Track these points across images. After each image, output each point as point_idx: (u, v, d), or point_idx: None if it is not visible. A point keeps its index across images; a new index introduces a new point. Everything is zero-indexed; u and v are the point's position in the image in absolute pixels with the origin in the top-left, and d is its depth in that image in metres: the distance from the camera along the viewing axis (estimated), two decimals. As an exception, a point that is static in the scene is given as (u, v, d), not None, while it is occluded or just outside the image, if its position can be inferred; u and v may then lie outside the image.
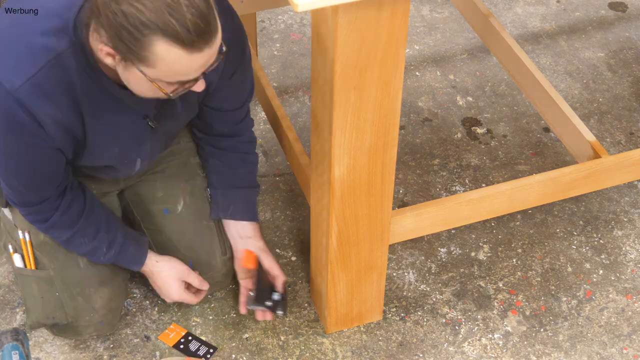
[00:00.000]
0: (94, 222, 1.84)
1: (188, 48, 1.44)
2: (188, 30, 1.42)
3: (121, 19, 1.41)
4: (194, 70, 1.51)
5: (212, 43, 1.47)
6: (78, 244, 1.85)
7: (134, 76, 1.52)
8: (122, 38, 1.43)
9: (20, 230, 1.90)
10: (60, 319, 1.91)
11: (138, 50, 1.44)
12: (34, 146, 1.62)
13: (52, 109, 1.58)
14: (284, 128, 2.15)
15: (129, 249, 1.91)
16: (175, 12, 1.40)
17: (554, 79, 2.77)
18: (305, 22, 2.95)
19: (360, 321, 2.08)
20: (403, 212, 1.90)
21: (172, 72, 1.49)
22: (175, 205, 2.01)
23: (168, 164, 2.03)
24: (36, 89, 1.54)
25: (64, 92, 1.58)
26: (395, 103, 1.65)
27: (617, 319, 2.12)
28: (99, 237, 1.85)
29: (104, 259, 1.88)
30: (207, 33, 1.45)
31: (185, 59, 1.46)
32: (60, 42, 1.54)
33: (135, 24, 1.41)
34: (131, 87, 1.58)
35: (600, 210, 2.38)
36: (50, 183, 1.74)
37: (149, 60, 1.46)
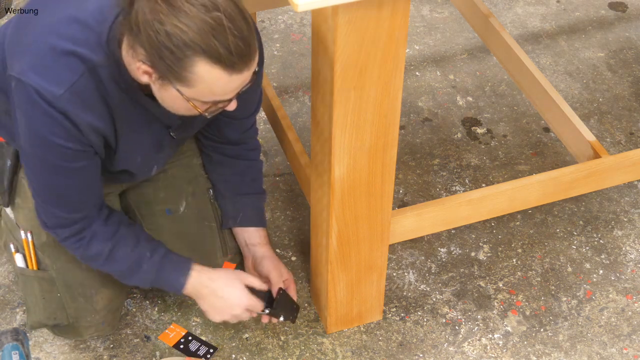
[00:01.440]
0: (134, 231, 1.80)
1: (229, 70, 1.45)
2: (230, 53, 1.42)
3: (164, 39, 1.42)
4: (231, 91, 1.52)
5: (251, 65, 1.48)
6: (121, 255, 1.77)
7: (169, 95, 1.53)
8: (163, 57, 1.44)
9: (22, 230, 1.90)
10: (61, 319, 1.91)
11: (179, 70, 1.45)
12: (77, 151, 1.61)
13: (91, 117, 1.58)
14: (284, 128, 2.15)
15: (173, 257, 1.82)
16: (218, 34, 1.41)
17: (554, 79, 2.77)
18: (305, 22, 2.96)
19: (360, 321, 2.08)
20: (403, 212, 1.90)
21: (210, 92, 1.50)
22: (177, 205, 2.02)
23: (171, 164, 2.03)
24: (75, 97, 1.54)
25: (100, 101, 1.58)
26: (395, 103, 1.65)
27: (617, 319, 2.12)
28: (141, 245, 1.79)
29: (147, 268, 1.78)
30: (247, 55, 1.46)
31: (225, 80, 1.47)
32: (95, 54, 1.54)
33: (178, 44, 1.41)
34: (165, 104, 1.58)
35: (600, 210, 2.38)
36: (92, 195, 1.73)
37: (188, 80, 1.46)
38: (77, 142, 1.60)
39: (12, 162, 1.88)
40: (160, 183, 2.02)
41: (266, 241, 2.03)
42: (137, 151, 1.75)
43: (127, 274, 1.81)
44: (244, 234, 2.02)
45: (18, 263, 1.91)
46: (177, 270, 1.81)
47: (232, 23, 1.42)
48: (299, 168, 2.10)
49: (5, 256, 2.18)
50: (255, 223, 2.02)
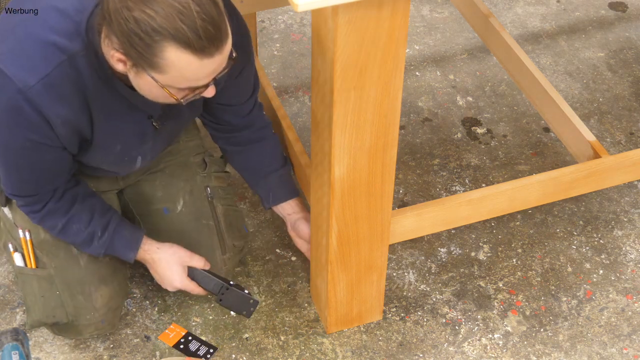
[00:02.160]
0: (89, 207, 1.83)
1: (199, 54, 1.45)
2: (199, 37, 1.42)
3: (133, 26, 1.42)
4: (205, 76, 1.52)
5: (222, 49, 1.48)
6: (74, 231, 1.83)
7: (145, 82, 1.53)
8: (134, 44, 1.44)
9: (20, 229, 1.90)
10: (60, 317, 1.91)
11: (149, 57, 1.45)
12: (41, 144, 1.62)
13: (64, 109, 1.58)
14: (284, 128, 2.16)
15: (124, 232, 1.88)
16: (186, 18, 1.41)
17: (554, 79, 2.77)
18: (305, 22, 2.96)
19: (360, 321, 2.08)
20: (403, 212, 1.90)
21: (182, 78, 1.50)
22: (175, 204, 2.02)
23: (168, 163, 2.03)
24: (49, 89, 1.55)
25: (75, 92, 1.59)
26: (395, 103, 1.65)
27: (617, 319, 2.12)
28: (93, 222, 1.83)
29: (98, 245, 1.85)
30: (217, 39, 1.45)
31: (196, 64, 1.46)
32: (73, 43, 1.55)
33: (146, 30, 1.42)
34: (142, 92, 1.58)
35: (600, 210, 2.38)
36: (53, 180, 1.75)
37: (160, 66, 1.46)
38: (43, 135, 1.60)
39: None
40: (158, 182, 2.02)
41: (300, 209, 2.08)
42: (116, 139, 1.75)
43: (79, 246, 1.87)
44: (279, 209, 2.09)
45: (17, 262, 1.91)
46: (126, 247, 1.89)
47: (200, 7, 1.41)
48: (299, 168, 2.10)
49: (5, 256, 2.18)
50: (286, 196, 2.06)
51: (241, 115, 1.98)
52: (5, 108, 1.57)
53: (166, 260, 1.91)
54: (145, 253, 1.91)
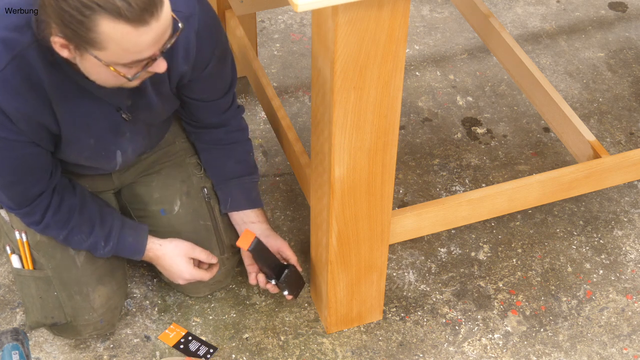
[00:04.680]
0: (88, 217, 1.84)
1: (133, 23, 1.42)
2: (129, 4, 1.40)
3: (62, 4, 1.41)
4: (147, 47, 1.48)
5: (158, 16, 1.45)
6: (77, 241, 1.85)
7: (90, 64, 1.51)
8: (68, 24, 1.42)
9: (17, 231, 1.90)
10: (59, 318, 1.91)
11: (84, 34, 1.43)
12: (9, 141, 1.61)
13: (22, 104, 1.57)
14: (284, 128, 2.15)
15: (127, 240, 1.89)
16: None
17: (554, 79, 2.77)
18: (305, 22, 2.96)
19: (360, 321, 2.08)
20: (403, 212, 1.90)
21: (123, 51, 1.47)
22: (172, 205, 2.01)
23: (164, 164, 2.03)
24: (4, 85, 1.54)
25: (31, 88, 1.57)
26: (395, 103, 1.65)
27: (617, 319, 2.12)
28: (95, 233, 1.85)
29: (104, 253, 1.88)
30: (150, 4, 1.42)
31: (133, 34, 1.44)
32: (23, 37, 1.53)
33: (76, 6, 1.40)
34: (91, 76, 1.56)
35: (600, 210, 2.38)
36: (36, 179, 1.73)
37: (97, 42, 1.44)
38: (7, 130, 1.59)
39: None
40: (154, 183, 2.02)
41: (264, 219, 2.02)
42: (87, 133, 1.73)
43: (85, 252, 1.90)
44: (240, 215, 2.02)
45: (14, 264, 1.91)
46: (131, 253, 1.91)
47: None
48: (299, 168, 2.10)
49: (5, 256, 2.18)
50: (246, 205, 2.01)
51: (216, 113, 1.95)
52: None
53: (170, 255, 1.92)
54: (149, 251, 1.92)
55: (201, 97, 1.88)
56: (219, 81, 1.88)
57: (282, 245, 2.00)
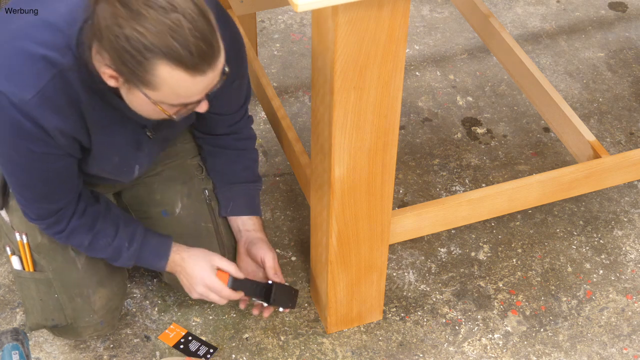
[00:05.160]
0: (112, 221, 1.83)
1: (191, 71, 1.44)
2: (191, 54, 1.42)
3: (124, 43, 1.41)
4: (197, 93, 1.51)
5: (214, 65, 1.47)
6: (102, 246, 1.82)
7: (137, 98, 1.52)
8: (125, 61, 1.43)
9: (17, 232, 1.89)
10: (59, 320, 1.91)
11: (141, 74, 1.44)
12: (46, 154, 1.62)
13: (60, 121, 1.58)
14: (284, 128, 2.15)
15: (152, 241, 1.87)
16: (178, 35, 1.40)
17: (554, 79, 2.77)
18: (305, 22, 2.96)
19: (360, 321, 2.08)
20: (403, 212, 1.90)
21: (175, 95, 1.49)
22: (173, 207, 2.01)
23: (165, 166, 2.03)
24: (44, 101, 1.54)
25: (69, 105, 1.58)
26: (395, 103, 1.65)
27: (617, 319, 2.12)
28: (119, 234, 1.83)
29: (127, 256, 1.84)
30: (210, 56, 1.44)
31: (189, 82, 1.46)
32: (64, 58, 1.54)
33: (138, 47, 1.41)
34: (134, 108, 1.58)
35: (600, 210, 2.38)
36: (66, 190, 1.74)
37: (152, 83, 1.46)
38: (45, 145, 1.60)
39: None
40: (155, 185, 2.02)
41: (261, 228, 2.02)
42: (113, 151, 1.75)
43: (109, 260, 1.86)
44: (238, 221, 2.02)
45: (15, 265, 1.91)
46: (156, 256, 1.87)
47: (191, 24, 1.41)
48: (299, 168, 2.10)
49: (5, 256, 2.18)
50: (247, 211, 2.02)
51: (230, 124, 1.97)
52: (5, 123, 1.56)
53: (195, 257, 1.87)
54: (176, 253, 1.87)
55: (219, 110, 1.90)
56: (238, 95, 1.90)
57: (265, 254, 1.96)
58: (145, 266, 1.89)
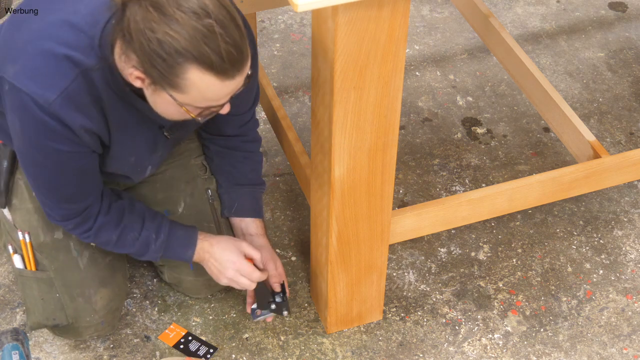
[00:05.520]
0: (138, 214, 1.83)
1: (221, 76, 1.46)
2: (222, 59, 1.43)
3: (155, 47, 1.42)
4: (224, 97, 1.53)
5: (243, 71, 1.49)
6: (130, 240, 1.82)
7: (162, 100, 1.54)
8: (155, 64, 1.45)
9: (19, 231, 1.89)
10: (60, 320, 1.91)
11: (171, 77, 1.46)
12: (72, 152, 1.62)
13: (84, 119, 1.59)
14: (284, 128, 2.15)
15: (178, 232, 1.87)
16: (210, 40, 1.41)
17: (554, 79, 2.77)
18: (305, 22, 2.96)
19: (360, 321, 2.08)
20: (403, 212, 1.90)
21: (202, 98, 1.50)
22: (176, 207, 2.02)
23: (168, 165, 2.03)
24: (68, 101, 1.55)
25: (92, 104, 1.59)
26: (395, 103, 1.65)
27: (617, 319, 2.12)
28: (145, 226, 1.83)
29: (155, 248, 1.84)
30: (240, 62, 1.46)
31: (217, 86, 1.48)
32: (87, 58, 1.54)
33: (170, 51, 1.42)
34: (157, 109, 1.59)
35: (600, 210, 2.38)
36: (91, 188, 1.74)
37: (180, 86, 1.47)
38: (71, 144, 1.61)
39: (9, 163, 1.88)
40: (159, 184, 2.02)
41: (263, 232, 2.04)
42: (131, 152, 1.76)
43: (137, 254, 1.86)
44: (241, 224, 2.03)
45: (16, 264, 1.91)
46: (183, 245, 1.87)
47: (223, 29, 1.42)
48: (299, 168, 2.10)
49: (5, 256, 2.18)
50: (251, 213, 2.03)
51: (237, 126, 1.98)
52: (30, 124, 1.57)
53: (225, 242, 1.88)
54: (203, 241, 1.87)
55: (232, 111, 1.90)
56: (249, 95, 1.91)
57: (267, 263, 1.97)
58: (173, 258, 1.89)
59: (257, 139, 2.04)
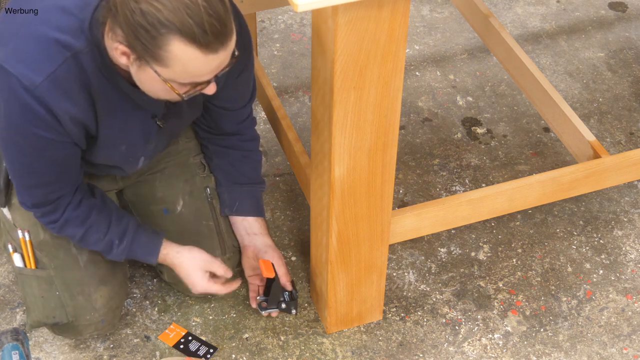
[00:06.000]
0: (106, 215, 1.84)
1: (204, 49, 1.46)
2: (204, 31, 1.43)
3: (139, 17, 1.43)
4: (208, 72, 1.52)
5: (227, 45, 1.49)
6: (93, 240, 1.84)
7: (147, 76, 1.53)
8: (139, 36, 1.45)
9: (19, 229, 1.90)
10: (60, 318, 1.91)
11: (154, 49, 1.46)
12: (54, 141, 1.63)
13: (70, 105, 1.59)
14: (284, 128, 2.15)
15: (142, 238, 1.88)
16: (193, 12, 1.42)
17: (554, 79, 2.77)
18: (305, 22, 2.96)
19: (360, 321, 2.08)
20: (403, 212, 1.90)
21: (186, 72, 1.50)
22: (175, 205, 2.02)
23: (167, 164, 2.03)
24: (55, 85, 1.55)
25: (80, 89, 1.59)
26: (395, 103, 1.65)
27: (617, 319, 2.12)
28: (110, 231, 1.84)
29: (118, 252, 1.86)
30: (223, 35, 1.46)
31: (201, 59, 1.47)
32: (77, 41, 1.55)
33: (153, 22, 1.42)
34: (143, 87, 1.59)
35: (600, 210, 2.38)
36: (67, 180, 1.75)
37: (164, 59, 1.47)
38: (53, 132, 1.61)
39: None
40: (157, 183, 2.02)
41: (267, 232, 2.05)
42: (121, 140, 1.75)
43: (101, 253, 1.89)
44: (244, 223, 2.04)
45: (16, 263, 1.91)
46: (146, 253, 1.90)
47: (207, 2, 1.43)
48: (299, 168, 2.10)
49: (5, 256, 2.18)
50: (252, 212, 2.04)
51: (235, 122, 1.98)
52: (14, 107, 1.58)
53: (186, 266, 1.92)
54: (166, 257, 1.91)
55: (226, 105, 1.91)
56: (245, 89, 1.91)
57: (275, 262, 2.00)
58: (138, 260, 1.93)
59: (256, 137, 2.04)
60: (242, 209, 2.03)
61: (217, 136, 2.01)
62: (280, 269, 2.00)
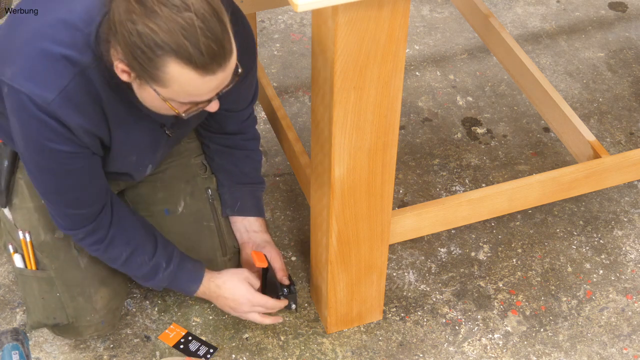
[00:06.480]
0: (152, 236, 1.84)
1: (200, 70, 1.44)
2: (201, 53, 1.42)
3: (136, 39, 1.42)
4: (207, 92, 1.51)
5: (225, 66, 1.47)
6: (138, 263, 1.83)
7: (148, 94, 1.53)
8: (137, 57, 1.44)
9: (20, 230, 1.90)
10: (61, 319, 1.91)
11: (151, 70, 1.45)
12: (72, 153, 1.62)
13: (83, 119, 1.59)
14: (284, 128, 2.16)
15: (187, 264, 1.89)
16: (189, 34, 1.41)
17: (554, 79, 2.77)
18: (305, 22, 2.96)
19: (360, 321, 2.08)
20: (403, 212, 1.90)
21: (184, 93, 1.49)
22: (176, 206, 2.02)
23: (169, 165, 2.03)
24: (67, 101, 1.55)
25: (92, 103, 1.59)
26: (395, 103, 1.65)
27: (617, 319, 2.12)
28: (158, 253, 1.84)
29: (162, 277, 1.86)
30: (220, 56, 1.45)
31: (198, 81, 1.46)
32: (83, 56, 1.54)
33: (149, 44, 1.42)
34: (145, 103, 1.59)
35: (600, 210, 2.38)
36: (95, 192, 1.74)
37: (162, 80, 1.46)
38: (72, 144, 1.60)
39: (9, 162, 1.88)
40: (159, 183, 2.02)
41: (266, 229, 2.06)
42: (132, 150, 1.76)
43: (142, 279, 1.88)
44: (244, 222, 2.04)
45: (17, 263, 1.91)
46: (190, 280, 1.90)
47: (204, 23, 1.41)
48: (299, 168, 2.10)
49: (5, 256, 2.18)
50: (253, 212, 2.04)
51: (237, 122, 1.98)
52: (30, 127, 1.57)
53: (231, 280, 1.91)
54: (209, 281, 1.91)
55: (230, 107, 1.91)
56: (248, 91, 1.91)
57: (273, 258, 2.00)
58: (176, 289, 1.92)
59: (257, 136, 2.05)
60: (244, 208, 2.03)
61: (220, 135, 2.01)
62: (277, 263, 1.99)
